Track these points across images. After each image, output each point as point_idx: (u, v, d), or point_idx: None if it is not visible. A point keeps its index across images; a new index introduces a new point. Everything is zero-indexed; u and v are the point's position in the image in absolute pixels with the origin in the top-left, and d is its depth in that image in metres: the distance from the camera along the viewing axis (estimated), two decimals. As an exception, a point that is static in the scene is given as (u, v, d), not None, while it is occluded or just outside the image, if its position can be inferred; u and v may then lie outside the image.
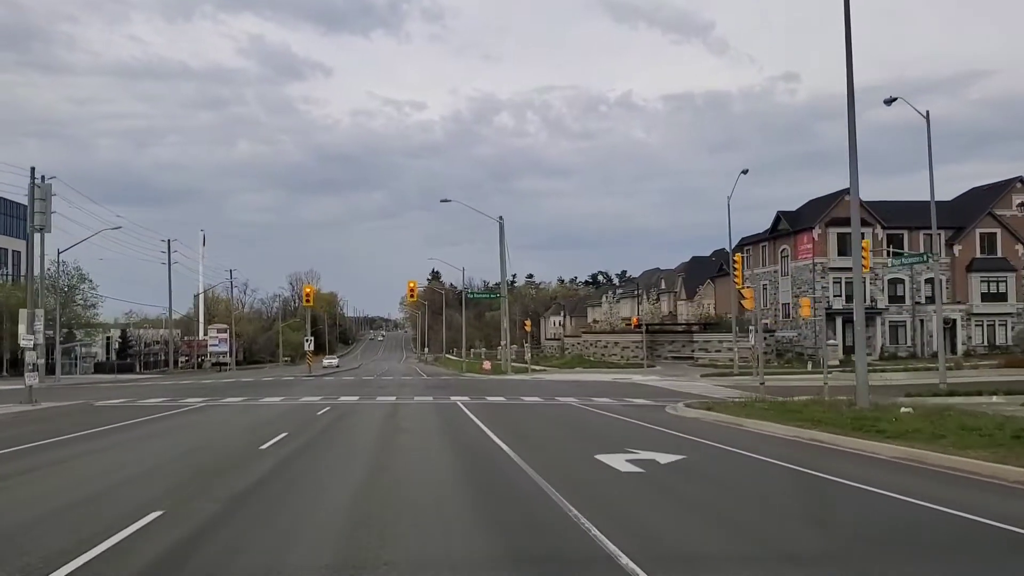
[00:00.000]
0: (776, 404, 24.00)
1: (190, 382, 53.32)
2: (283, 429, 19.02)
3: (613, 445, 15.69)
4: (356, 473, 12.32)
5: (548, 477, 11.28)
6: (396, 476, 12.09)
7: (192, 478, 11.62)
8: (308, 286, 57.17)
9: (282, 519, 8.69)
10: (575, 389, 38.56)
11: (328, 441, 16.89)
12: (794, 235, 63.66)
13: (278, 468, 12.64)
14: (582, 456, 14.34)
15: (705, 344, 61.62)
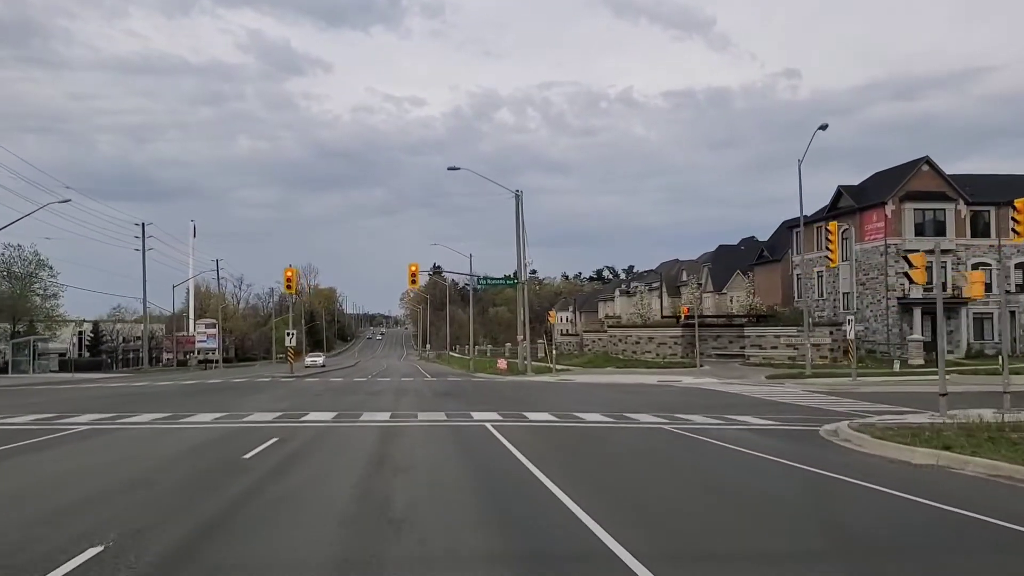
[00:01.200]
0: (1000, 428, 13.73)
1: (145, 383, 42.68)
2: (101, 532, 8.33)
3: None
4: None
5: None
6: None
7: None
8: (290, 269, 46.46)
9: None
10: (631, 398, 28.02)
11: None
12: (859, 213, 53.09)
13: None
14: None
15: (758, 339, 51.07)
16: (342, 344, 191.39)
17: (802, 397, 28.01)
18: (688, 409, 22.64)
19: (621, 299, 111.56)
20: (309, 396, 28.61)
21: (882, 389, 31.99)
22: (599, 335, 70.77)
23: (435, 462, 12.24)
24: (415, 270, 47.20)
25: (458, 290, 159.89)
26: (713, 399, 27.42)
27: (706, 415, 20.83)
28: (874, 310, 51.94)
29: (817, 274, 57.99)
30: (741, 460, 13.27)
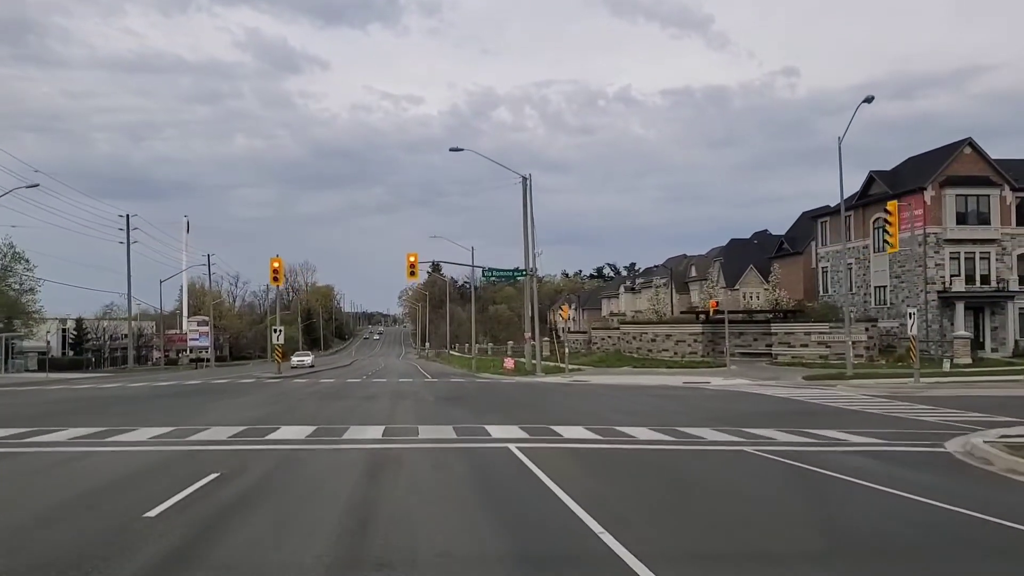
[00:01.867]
0: None
1: (116, 385, 37.97)
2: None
3: None
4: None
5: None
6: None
7: None
8: (276, 259, 41.77)
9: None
10: (670, 405, 23.41)
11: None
12: (895, 200, 48.46)
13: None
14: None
15: (786, 337, 46.44)
16: (340, 342, 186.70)
17: (870, 403, 23.44)
18: (751, 421, 18.02)
19: (626, 296, 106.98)
20: (289, 402, 23.92)
21: (954, 392, 27.38)
22: (609, 332, 66.17)
23: (450, 531, 7.58)
24: (414, 260, 42.54)
25: (457, 288, 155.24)
26: (768, 405, 22.81)
27: (781, 429, 16.21)
28: (911, 304, 47.30)
29: (846, 267, 53.23)
30: (904, 510, 8.67)
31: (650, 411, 21.02)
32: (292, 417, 18.57)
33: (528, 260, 46.10)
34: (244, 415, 19.21)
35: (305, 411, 20.35)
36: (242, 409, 21.15)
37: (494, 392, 29.56)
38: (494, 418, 18.40)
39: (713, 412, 20.51)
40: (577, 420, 18.03)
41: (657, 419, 18.57)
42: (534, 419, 18.23)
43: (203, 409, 21.20)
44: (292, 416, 18.90)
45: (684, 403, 23.70)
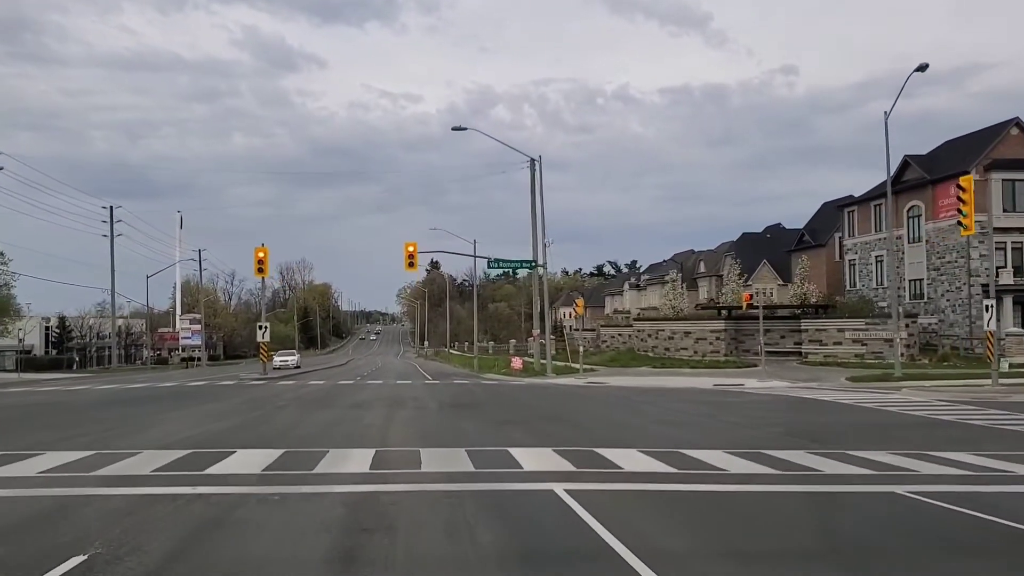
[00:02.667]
0: None
1: (83, 387, 33.70)
2: None
3: None
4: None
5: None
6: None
7: None
8: (261, 248, 37.49)
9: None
10: (729, 417, 19.18)
11: None
12: (932, 186, 44.29)
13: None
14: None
15: (817, 334, 42.18)
16: (337, 341, 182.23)
17: (961, 412, 19.22)
18: (846, 439, 13.80)
19: (631, 293, 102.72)
20: (264, 411, 19.58)
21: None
22: (619, 330, 61.89)
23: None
24: (413, 250, 38.23)
25: (456, 286, 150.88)
26: (841, 415, 18.57)
27: (898, 453, 12.02)
28: (951, 299, 43.15)
29: (875, 259, 49.16)
30: None
31: (704, 424, 16.77)
32: (256, 435, 14.24)
33: (536, 250, 41.85)
34: (197, 431, 14.89)
35: (277, 425, 16.00)
36: (200, 422, 16.83)
37: (506, 397, 25.25)
38: (517, 435, 14.13)
39: (783, 425, 16.26)
40: (624, 439, 13.77)
41: (723, 437, 14.33)
42: (568, 437, 13.97)
43: (152, 422, 16.87)
44: (257, 433, 14.56)
45: (737, 412, 19.44)
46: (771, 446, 12.88)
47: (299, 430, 14.99)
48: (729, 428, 15.88)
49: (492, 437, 13.91)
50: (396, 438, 13.76)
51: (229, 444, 12.83)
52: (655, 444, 13.07)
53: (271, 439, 13.57)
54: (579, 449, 12.26)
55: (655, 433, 14.93)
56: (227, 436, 14.08)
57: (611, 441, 13.39)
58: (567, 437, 13.94)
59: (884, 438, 14.22)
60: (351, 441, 13.27)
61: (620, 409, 20.69)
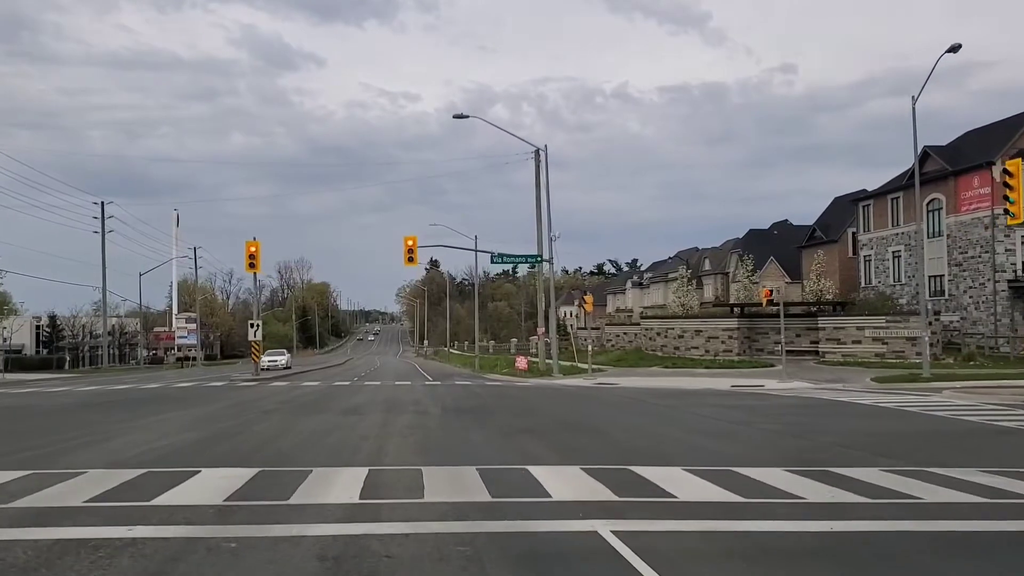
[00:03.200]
0: None
1: (62, 389, 31.64)
2: None
3: None
4: None
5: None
6: None
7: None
8: (253, 243, 35.35)
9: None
10: (765, 423, 17.11)
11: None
12: (953, 178, 42.21)
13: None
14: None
15: (835, 332, 40.09)
16: (336, 340, 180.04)
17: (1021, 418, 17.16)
18: (922, 454, 11.72)
19: (634, 291, 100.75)
20: (245, 418, 17.44)
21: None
22: (625, 328, 59.77)
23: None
24: (412, 244, 36.13)
25: (456, 285, 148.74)
26: (895, 423, 16.46)
27: (989, 471, 9.91)
28: (975, 296, 41.09)
29: (892, 254, 47.10)
30: None
31: (742, 433, 14.66)
32: (231, 448, 12.12)
33: (541, 245, 39.74)
34: (163, 443, 12.78)
35: (258, 435, 13.87)
36: (172, 431, 14.70)
37: (514, 400, 23.15)
38: (535, 448, 12.04)
39: (832, 434, 14.17)
40: (660, 453, 11.69)
41: (772, 450, 12.25)
42: (594, 450, 11.89)
43: (116, 431, 14.74)
44: (232, 446, 12.44)
45: (772, 418, 17.34)
46: (834, 462, 10.79)
47: (282, 441, 12.88)
48: (773, 438, 13.79)
49: (505, 450, 11.82)
50: (393, 452, 11.65)
51: (195, 461, 10.73)
52: (698, 460, 10.97)
53: (246, 454, 11.46)
54: (611, 467, 10.16)
55: (691, 445, 12.85)
56: (196, 449, 11.98)
57: (645, 456, 11.30)
58: (593, 450, 11.85)
59: (958, 450, 12.17)
60: (340, 457, 11.17)
61: (641, 414, 18.60)
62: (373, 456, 11.28)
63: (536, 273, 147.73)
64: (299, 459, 10.93)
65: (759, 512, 7.65)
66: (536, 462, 10.56)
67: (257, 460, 10.81)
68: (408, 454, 11.47)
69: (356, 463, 10.56)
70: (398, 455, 11.40)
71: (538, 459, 10.90)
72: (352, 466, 10.33)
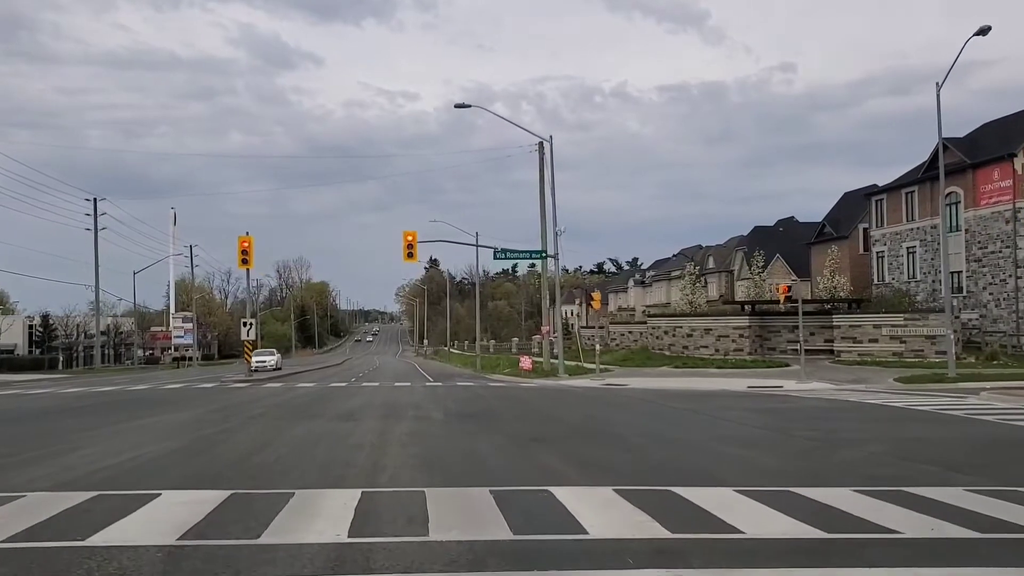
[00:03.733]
0: None
1: (45, 391, 30.01)
2: None
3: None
4: None
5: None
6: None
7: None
8: (245, 238, 33.69)
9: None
10: (806, 430, 15.45)
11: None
12: (972, 171, 40.60)
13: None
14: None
15: (851, 330, 38.46)
16: (335, 340, 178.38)
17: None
18: (1008, 469, 10.12)
19: (636, 289, 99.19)
20: (227, 425, 15.75)
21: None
22: (630, 327, 58.18)
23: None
24: (412, 239, 34.50)
25: (456, 284, 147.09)
26: (952, 429, 14.83)
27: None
28: (995, 292, 39.47)
29: (907, 250, 45.48)
30: None
31: (782, 443, 13.01)
32: (204, 463, 10.44)
33: (545, 240, 38.15)
34: (127, 457, 11.12)
35: (238, 446, 12.20)
36: (142, 441, 13.04)
37: (521, 403, 21.51)
38: (555, 463, 10.38)
39: (882, 442, 12.55)
40: (700, 468, 10.05)
41: (825, 464, 10.64)
42: (624, 465, 10.24)
43: (77, 441, 13.05)
44: (206, 460, 10.77)
45: (808, 423, 15.71)
46: (904, 479, 9.18)
47: (264, 454, 11.22)
48: (819, 448, 12.17)
49: (520, 465, 10.19)
50: (391, 468, 10.00)
51: (159, 479, 9.09)
52: (746, 477, 9.34)
53: (220, 470, 9.82)
54: (650, 489, 8.53)
55: (730, 457, 11.21)
56: (164, 464, 10.34)
57: (683, 472, 9.67)
58: (620, 465, 10.21)
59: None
60: (329, 474, 9.52)
61: (661, 419, 16.98)
62: (367, 473, 9.64)
63: (536, 272, 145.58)
64: (281, 477, 9.29)
65: (852, 554, 6.02)
66: (558, 481, 8.93)
67: (231, 479, 9.17)
68: (408, 470, 9.83)
69: (347, 483, 8.93)
70: (397, 471, 9.76)
71: (560, 477, 9.26)
72: (342, 487, 8.69)
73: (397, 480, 9.12)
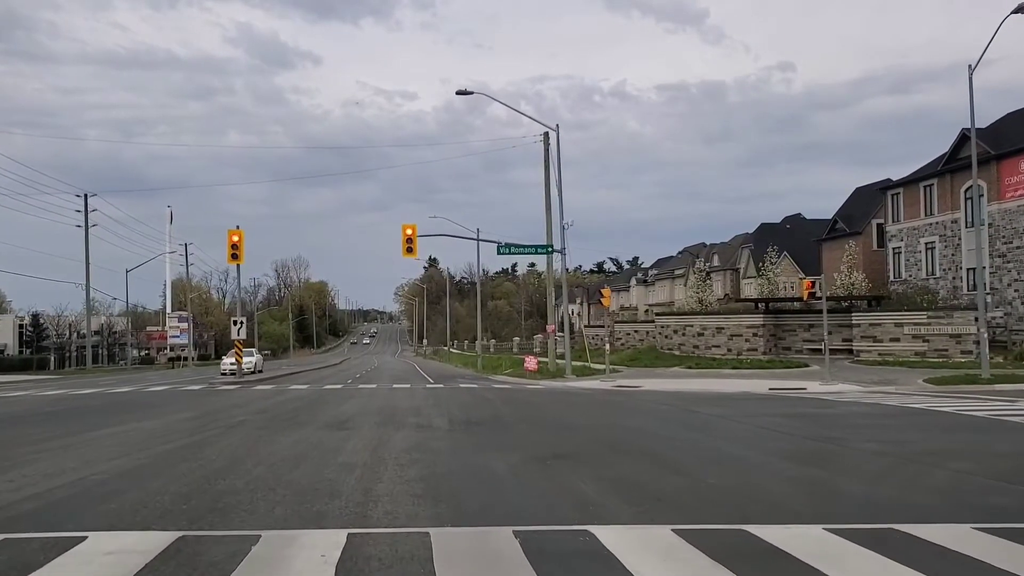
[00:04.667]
0: None
1: (18, 395, 28.02)
2: None
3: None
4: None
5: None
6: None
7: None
8: (235, 231, 31.66)
9: None
10: (868, 442, 13.46)
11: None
12: (996, 162, 38.63)
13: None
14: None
15: (871, 329, 36.50)
16: (334, 340, 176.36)
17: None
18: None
19: (638, 288, 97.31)
20: (201, 436, 13.72)
21: None
22: (636, 326, 56.29)
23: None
24: (412, 233, 32.50)
25: (455, 284, 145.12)
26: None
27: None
28: (1020, 289, 37.53)
29: (926, 246, 43.53)
30: None
31: (844, 457, 11.02)
32: (153, 491, 8.37)
33: (550, 234, 36.20)
34: (66, 480, 9.09)
35: (202, 465, 10.16)
36: (93, 457, 11.01)
37: (533, 408, 19.52)
38: (590, 489, 8.36)
39: (962, 457, 10.60)
40: (766, 496, 8.05)
41: (913, 488, 8.68)
42: (675, 492, 8.24)
43: (26, 455, 11.05)
44: (158, 485, 8.69)
45: (859, 432, 13.73)
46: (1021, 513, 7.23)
47: (233, 477, 9.21)
48: (898, 468, 10.17)
49: (547, 493, 8.19)
50: (386, 496, 7.99)
51: (90, 516, 7.11)
52: (832, 509, 7.37)
53: (174, 500, 7.82)
54: (719, 529, 6.56)
55: (798, 480, 9.20)
56: (106, 492, 8.34)
57: (752, 502, 7.68)
58: (672, 492, 8.21)
59: None
60: (308, 506, 7.53)
61: (694, 428, 14.99)
62: (357, 503, 7.65)
63: (536, 271, 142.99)
64: (247, 511, 7.30)
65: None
66: (599, 517, 6.95)
67: (183, 514, 7.19)
68: (408, 500, 7.83)
69: (330, 520, 6.94)
70: (393, 501, 7.77)
71: (600, 510, 7.28)
72: (323, 525, 6.72)
73: (394, 516, 7.13)
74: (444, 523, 6.80)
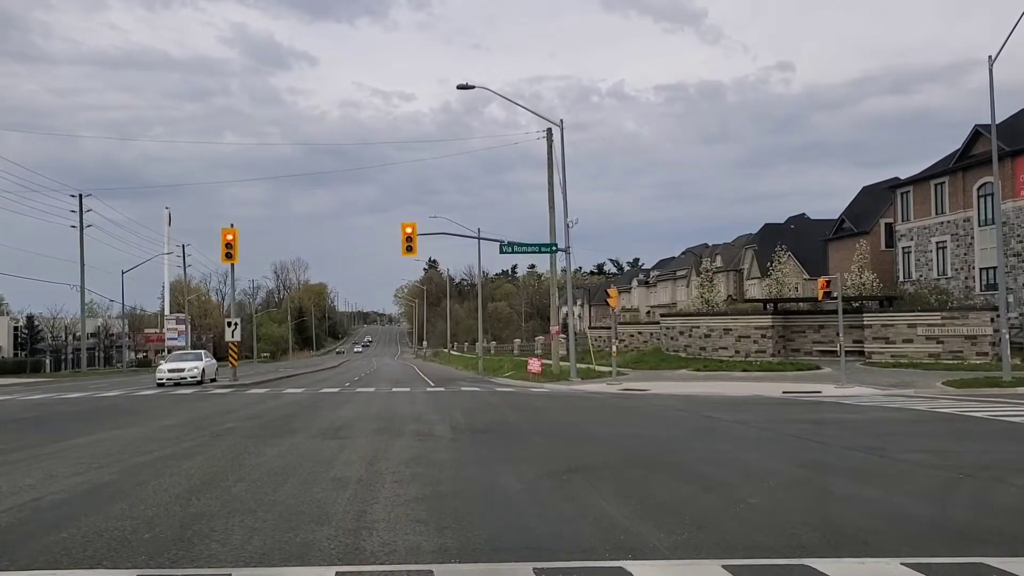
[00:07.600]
0: None
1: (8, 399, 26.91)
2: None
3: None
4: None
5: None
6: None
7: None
8: (230, 230, 30.51)
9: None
10: (892, 445, 12.25)
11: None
12: (1011, 159, 37.54)
13: None
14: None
15: (883, 330, 35.38)
16: (333, 342, 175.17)
17: None
18: None
19: (640, 290, 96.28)
20: (180, 446, 12.54)
21: None
22: (640, 327, 55.19)
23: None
24: (411, 232, 31.40)
25: (455, 285, 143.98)
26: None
27: None
28: None
29: (937, 245, 42.46)
30: None
31: (890, 470, 9.89)
32: (113, 517, 7.23)
33: (554, 232, 35.10)
34: (26, 499, 7.97)
35: (175, 483, 9.01)
36: (57, 472, 9.86)
37: (541, 414, 18.40)
38: (617, 512, 7.23)
39: (1016, 469, 9.53)
40: (834, 522, 6.91)
41: (982, 508, 7.62)
42: (714, 515, 7.11)
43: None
44: (120, 509, 7.56)
45: (898, 441, 12.61)
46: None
47: (208, 497, 8.08)
48: (959, 485, 9.05)
49: (568, 516, 7.07)
50: (383, 524, 6.86)
51: (31, 549, 5.98)
52: (903, 538, 6.25)
53: (136, 527, 6.69)
54: (777, 564, 5.46)
55: (854, 501, 8.06)
56: (59, 516, 7.20)
57: (808, 528, 6.55)
58: (713, 516, 7.08)
59: None
60: (292, 534, 6.41)
61: (716, 435, 13.87)
62: (348, 531, 6.52)
63: (536, 272, 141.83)
64: (219, 542, 6.17)
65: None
66: (634, 549, 5.84)
67: (144, 545, 6.06)
68: (408, 525, 6.71)
69: (315, 553, 5.82)
70: (391, 528, 6.64)
71: (632, 538, 6.17)
72: (307, 562, 5.60)
73: (391, 548, 6.01)
74: (451, 557, 5.69)
